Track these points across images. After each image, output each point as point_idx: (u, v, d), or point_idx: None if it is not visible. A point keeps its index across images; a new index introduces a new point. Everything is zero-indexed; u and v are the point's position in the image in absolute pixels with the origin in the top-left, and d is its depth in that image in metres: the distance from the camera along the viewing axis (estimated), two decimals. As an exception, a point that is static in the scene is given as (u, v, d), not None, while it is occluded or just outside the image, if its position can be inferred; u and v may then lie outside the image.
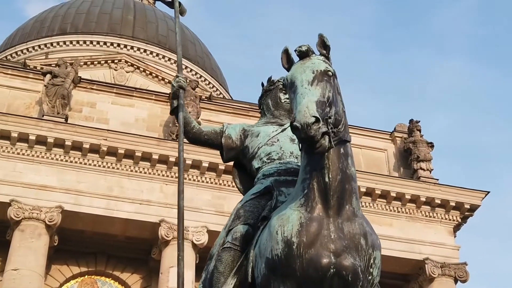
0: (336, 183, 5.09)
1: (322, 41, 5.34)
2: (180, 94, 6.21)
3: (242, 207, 5.81)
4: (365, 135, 25.00)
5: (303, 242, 4.97)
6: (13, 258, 18.67)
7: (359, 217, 5.20)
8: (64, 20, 34.47)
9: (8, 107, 21.60)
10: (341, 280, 4.96)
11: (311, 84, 5.06)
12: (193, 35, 38.41)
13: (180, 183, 5.99)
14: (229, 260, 5.51)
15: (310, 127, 4.73)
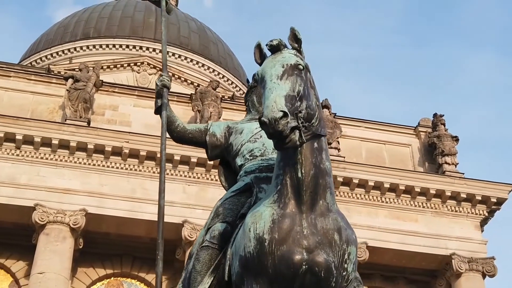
0: (309, 178, 5.01)
1: (294, 34, 5.23)
2: (164, 93, 6.20)
3: (222, 205, 5.77)
4: (389, 131, 24.81)
5: (275, 239, 4.89)
6: (39, 262, 18.88)
7: (333, 212, 5.11)
8: (87, 25, 34.79)
9: (32, 112, 21.83)
10: (313, 277, 4.88)
11: (281, 78, 4.95)
12: (215, 35, 38.48)
13: (162, 182, 6.01)
14: (206, 259, 5.46)
15: (278, 122, 4.63)
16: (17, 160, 20.21)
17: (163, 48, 6.65)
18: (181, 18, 36.86)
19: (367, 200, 22.29)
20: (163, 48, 6.63)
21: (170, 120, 6.24)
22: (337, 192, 21.94)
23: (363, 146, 24.28)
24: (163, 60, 6.58)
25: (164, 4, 6.69)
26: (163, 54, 6.63)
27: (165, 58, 6.61)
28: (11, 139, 20.26)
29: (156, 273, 5.63)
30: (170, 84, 6.29)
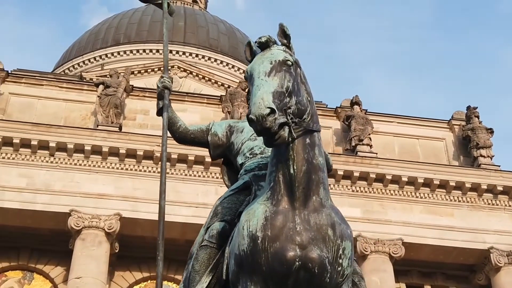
0: (301, 174, 4.96)
1: (282, 30, 5.17)
2: (165, 94, 6.17)
3: (221, 204, 5.74)
4: (422, 125, 24.54)
5: (267, 236, 4.85)
6: (76, 267, 19.10)
7: (327, 207, 5.05)
8: (117, 31, 35.14)
9: (65, 119, 22.11)
10: (307, 273, 4.82)
11: (268, 75, 4.88)
12: (245, 36, 38.52)
13: (162, 183, 6.00)
14: (205, 258, 5.45)
15: (265, 118, 4.57)
16: (52, 167, 20.49)
17: (164, 49, 6.63)
18: (210, 21, 37.00)
19: (402, 196, 22.08)
20: (165, 50, 6.62)
21: (172, 121, 6.23)
22: (370, 188, 21.81)
23: (396, 141, 24.06)
24: (165, 61, 6.57)
25: (166, 6, 6.69)
26: (164, 56, 6.62)
27: (166, 60, 6.59)
28: (45, 147, 20.55)
29: (156, 273, 5.63)
30: (171, 85, 6.27)
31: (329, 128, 23.96)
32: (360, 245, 20.71)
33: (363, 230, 20.98)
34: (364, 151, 22.53)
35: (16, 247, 20.86)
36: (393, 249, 20.87)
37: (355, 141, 22.73)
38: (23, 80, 23.17)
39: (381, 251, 20.77)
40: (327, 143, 23.46)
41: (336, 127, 23.96)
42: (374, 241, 20.83)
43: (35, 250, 20.81)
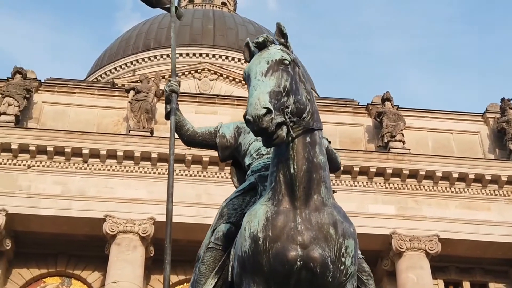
0: (302, 173, 4.93)
1: (280, 29, 5.13)
2: (173, 98, 6.16)
3: (226, 206, 5.72)
4: (455, 119, 24.21)
5: (268, 236, 4.83)
6: (112, 272, 19.29)
7: (328, 206, 5.00)
8: (147, 37, 35.41)
9: (97, 126, 22.34)
10: (309, 273, 4.79)
11: (265, 75, 4.85)
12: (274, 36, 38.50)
13: (170, 186, 5.98)
14: (210, 260, 5.44)
15: (262, 119, 4.55)
16: (86, 174, 20.73)
17: (172, 53, 6.62)
18: (239, 22, 37.04)
19: (436, 192, 21.81)
20: (172, 54, 6.62)
21: (180, 124, 6.22)
22: (404, 185, 21.58)
23: (430, 136, 23.78)
24: (172, 65, 6.57)
25: (174, 10, 6.68)
26: (172, 60, 6.61)
27: (174, 64, 6.59)
28: (78, 154, 20.80)
29: (164, 277, 5.63)
30: (179, 89, 6.26)
31: (361, 125, 23.81)
32: (395, 242, 20.52)
33: (398, 227, 20.79)
34: (397, 147, 22.32)
35: (53, 253, 21.16)
36: (429, 246, 20.63)
37: (387, 137, 22.52)
38: (55, 88, 23.49)
39: (417, 248, 20.54)
40: (359, 141, 23.32)
41: (368, 124, 23.78)
42: (409, 238, 20.62)
43: (72, 256, 21.08)
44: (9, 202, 19.95)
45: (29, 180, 20.46)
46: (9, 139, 20.57)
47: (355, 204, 21.11)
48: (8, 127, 20.92)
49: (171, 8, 6.65)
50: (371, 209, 21.13)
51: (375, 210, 21.11)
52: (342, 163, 20.94)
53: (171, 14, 6.68)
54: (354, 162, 21.45)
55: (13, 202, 20.03)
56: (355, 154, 21.77)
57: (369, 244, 20.97)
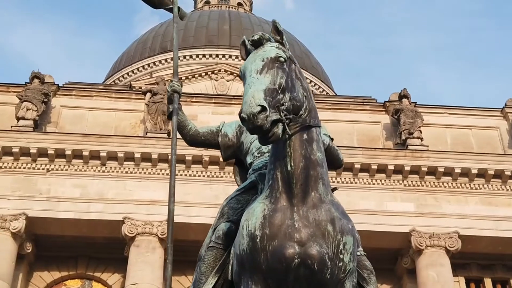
0: (299, 171, 4.92)
1: (275, 27, 5.14)
2: (175, 98, 6.16)
3: (227, 204, 5.72)
4: (474, 115, 23.99)
5: (266, 234, 4.82)
6: (131, 273, 19.38)
7: (326, 203, 4.99)
8: (164, 39, 35.53)
9: (115, 129, 22.45)
10: (307, 270, 4.78)
11: (260, 72, 4.84)
12: (291, 36, 38.45)
13: (171, 187, 5.97)
14: (211, 259, 5.44)
15: (257, 116, 4.55)
16: (104, 176, 20.85)
17: (174, 54, 6.63)
18: (255, 22, 37.04)
19: (455, 188, 21.63)
20: (174, 54, 6.63)
21: (183, 124, 6.23)
22: (423, 182, 21.44)
23: (448, 133, 23.59)
24: (174, 66, 6.57)
25: (177, 11, 6.68)
26: (174, 60, 6.61)
27: (176, 64, 6.58)
28: (96, 157, 20.93)
29: (165, 277, 5.65)
30: (181, 89, 6.26)
31: (378, 123, 23.69)
32: (415, 239, 20.40)
33: (417, 225, 20.66)
34: (415, 144, 22.18)
35: (73, 256, 21.31)
36: (449, 243, 20.47)
37: (405, 134, 22.39)
38: (73, 92, 23.65)
39: (436, 245, 20.39)
40: (377, 139, 23.22)
41: (385, 122, 23.66)
42: (429, 235, 20.47)
43: (92, 259, 21.22)
44: (29, 206, 20.13)
45: (48, 184, 20.63)
46: (28, 143, 20.75)
47: (374, 202, 21.04)
48: (27, 131, 21.10)
49: (173, 9, 6.66)
50: (390, 207, 21.03)
51: (394, 208, 21.00)
52: (360, 161, 20.77)
53: (174, 14, 6.68)
54: (371, 160, 21.36)
55: (33, 205, 20.21)
56: (373, 152, 21.68)
57: (389, 242, 20.92)
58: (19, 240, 20.01)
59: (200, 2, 44.55)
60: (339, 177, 21.22)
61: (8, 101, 22.48)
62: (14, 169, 20.77)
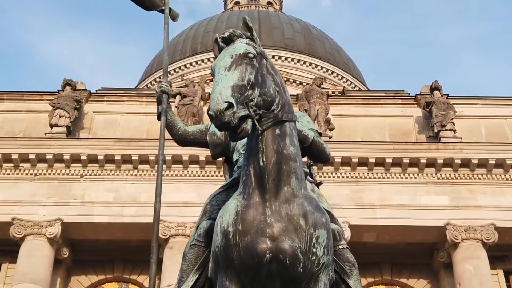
0: (271, 166, 4.93)
1: (245, 23, 5.16)
2: (163, 99, 6.17)
3: (210, 202, 5.73)
4: (508, 105, 23.62)
5: (238, 230, 4.85)
6: (166, 275, 19.51)
7: (299, 197, 4.98)
8: (194, 41, 35.73)
9: (147, 132, 22.63)
10: (279, 264, 4.79)
11: (228, 69, 4.85)
12: (321, 32, 38.31)
13: (158, 186, 5.98)
14: (192, 257, 5.46)
15: (223, 113, 4.55)
16: (136, 180, 21.06)
17: (164, 55, 6.68)
18: (284, 21, 37.00)
19: (491, 180, 21.27)
20: (165, 55, 6.68)
21: (172, 124, 6.25)
22: (456, 174, 21.14)
23: (482, 124, 23.22)
24: (164, 66, 6.62)
25: (168, 12, 6.71)
26: (164, 61, 6.65)
27: (166, 65, 6.63)
28: (128, 161, 21.16)
29: (149, 275, 5.67)
30: (170, 90, 6.28)
31: (410, 116, 23.46)
32: (450, 233, 20.13)
33: (452, 218, 20.39)
34: (448, 136, 21.89)
35: (110, 259, 21.58)
36: (486, 235, 20.15)
37: (438, 127, 22.11)
38: (105, 98, 23.93)
39: (472, 238, 20.09)
40: (410, 132, 22.98)
41: (417, 115, 23.41)
42: (464, 228, 20.18)
43: (128, 262, 21.45)
44: (64, 211, 20.44)
45: (82, 189, 20.92)
46: (61, 150, 21.07)
47: (407, 196, 20.83)
48: (60, 138, 21.43)
49: (165, 10, 6.70)
50: (424, 200, 20.79)
51: (427, 201, 20.75)
52: (391, 156, 20.48)
53: (165, 15, 6.72)
54: (403, 154, 21.14)
55: (68, 211, 20.52)
56: (404, 146, 21.46)
57: (424, 237, 20.71)
58: (56, 245, 20.35)
59: (230, 3, 44.70)
60: (371, 172, 21.07)
61: (42, 109, 22.88)
62: (49, 176, 21.12)
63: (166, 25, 6.76)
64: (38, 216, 20.27)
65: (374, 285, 21.80)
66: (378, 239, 20.94)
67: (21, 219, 20.23)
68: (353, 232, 19.93)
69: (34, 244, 19.97)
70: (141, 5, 6.70)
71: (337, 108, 23.39)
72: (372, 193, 20.85)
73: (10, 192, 20.79)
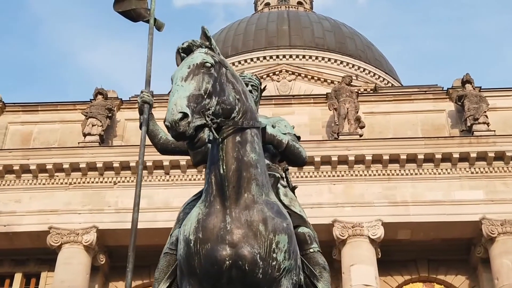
0: (231, 173, 4.98)
1: (204, 33, 5.20)
2: (145, 109, 6.18)
3: (183, 210, 5.76)
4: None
5: (199, 238, 4.90)
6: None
7: (259, 203, 5.00)
8: (225, 44, 35.88)
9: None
10: (239, 271, 4.82)
11: (185, 79, 4.88)
12: (352, 30, 38.12)
13: (136, 196, 5.98)
14: (164, 265, 5.50)
15: (178, 123, 4.59)
16: (168, 185, 21.23)
17: (147, 65, 6.68)
18: (314, 20, 36.92)
19: (526, 172, 20.88)
20: (148, 65, 6.68)
21: (154, 133, 6.28)
22: (491, 168, 20.81)
23: (517, 115, 22.80)
24: (146, 76, 6.62)
25: (153, 22, 6.74)
26: (146, 71, 6.67)
27: (148, 74, 6.63)
28: (159, 166, 21.35)
29: (125, 285, 5.69)
30: (152, 99, 6.30)
31: (443, 111, 23.19)
32: (486, 228, 19.82)
33: (487, 212, 20.08)
34: (481, 130, 21.56)
35: (147, 265, 21.68)
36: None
37: (470, 121, 21.81)
38: (135, 105, 24.17)
39: (509, 232, 19.75)
40: (442, 127, 22.71)
41: (450, 109, 23.13)
42: (500, 222, 19.85)
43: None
44: (99, 218, 20.73)
45: (116, 196, 21.18)
46: (94, 158, 21.37)
47: (441, 192, 20.59)
48: (92, 147, 21.74)
49: (150, 20, 6.75)
50: (458, 196, 20.51)
51: (462, 196, 20.47)
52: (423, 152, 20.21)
53: (149, 26, 6.77)
54: (435, 150, 20.90)
55: (103, 218, 20.80)
56: (436, 141, 21.21)
57: (460, 232, 20.44)
58: (92, 252, 20.65)
59: (260, 4, 44.79)
60: (403, 169, 20.88)
61: (75, 118, 23.23)
62: (83, 184, 21.45)
63: (151, 35, 6.80)
64: (74, 224, 20.62)
65: (411, 283, 21.60)
66: (413, 236, 20.75)
67: (57, 227, 20.60)
68: (386, 230, 19.80)
69: (71, 252, 20.31)
70: (128, 17, 6.77)
71: (368, 106, 23.25)
72: (404, 190, 20.67)
73: (46, 201, 21.18)
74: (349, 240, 19.80)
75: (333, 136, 21.93)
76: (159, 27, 6.80)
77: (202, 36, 5.27)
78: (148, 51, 6.75)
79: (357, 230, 19.80)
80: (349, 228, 19.87)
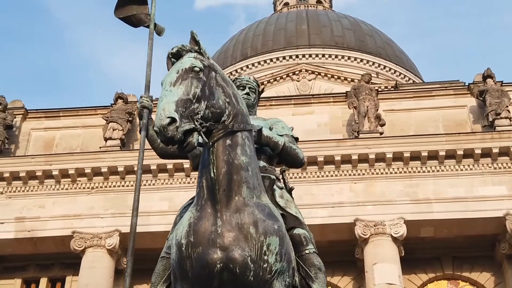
0: (221, 176, 4.99)
1: (193, 37, 5.24)
2: (144, 114, 6.15)
3: (179, 214, 5.78)
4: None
5: (191, 242, 4.92)
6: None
7: (250, 206, 5.01)
8: (244, 45, 35.92)
9: (199, 140, 22.88)
10: (230, 274, 4.83)
11: (174, 84, 4.91)
12: (371, 27, 37.93)
13: (135, 201, 5.95)
14: (160, 269, 5.54)
15: (166, 128, 4.63)
16: (189, 188, 21.23)
17: (147, 70, 6.67)
18: (333, 18, 36.80)
19: (550, 168, 20.59)
20: (147, 70, 6.67)
21: (153, 138, 6.27)
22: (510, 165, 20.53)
23: (541, 109, 22.48)
24: (146, 81, 6.62)
25: (153, 27, 6.75)
26: (146, 76, 6.67)
27: (147, 79, 6.61)
28: (180, 169, 21.44)
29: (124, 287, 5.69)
30: (151, 104, 6.29)
31: (464, 106, 22.97)
32: (510, 223, 19.59)
33: (511, 208, 19.82)
34: (503, 124, 21.32)
35: (170, 267, 21.85)
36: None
37: (492, 116, 21.58)
38: (155, 109, 24.26)
39: (534, 228, 19.50)
40: (464, 123, 22.51)
41: (471, 104, 22.90)
42: (525, 218, 19.60)
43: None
44: (121, 222, 20.82)
45: (138, 200, 21.23)
46: (115, 162, 21.52)
47: (463, 188, 20.40)
48: (114, 151, 21.89)
49: (150, 26, 6.75)
50: (481, 192, 20.29)
51: (485, 192, 20.25)
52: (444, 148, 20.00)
53: (150, 31, 6.77)
54: (457, 146, 20.70)
55: (125, 222, 20.84)
56: (457, 137, 21.00)
57: (483, 229, 20.23)
58: (115, 256, 20.79)
59: (279, 4, 44.77)
60: (424, 166, 20.72)
61: (97, 123, 23.41)
62: (105, 188, 21.61)
63: (151, 40, 6.81)
64: (97, 228, 20.77)
65: (436, 280, 21.42)
66: (436, 234, 20.57)
67: (80, 232, 20.77)
68: (409, 227, 19.65)
69: (95, 256, 20.47)
70: (128, 22, 6.80)
71: (388, 103, 23.12)
72: (426, 187, 20.50)
73: (69, 206, 21.38)
74: (371, 238, 19.69)
75: (353, 135, 21.83)
76: (159, 32, 6.82)
77: (191, 40, 5.31)
78: (148, 56, 6.76)
79: (379, 229, 19.69)
80: (371, 226, 19.76)
